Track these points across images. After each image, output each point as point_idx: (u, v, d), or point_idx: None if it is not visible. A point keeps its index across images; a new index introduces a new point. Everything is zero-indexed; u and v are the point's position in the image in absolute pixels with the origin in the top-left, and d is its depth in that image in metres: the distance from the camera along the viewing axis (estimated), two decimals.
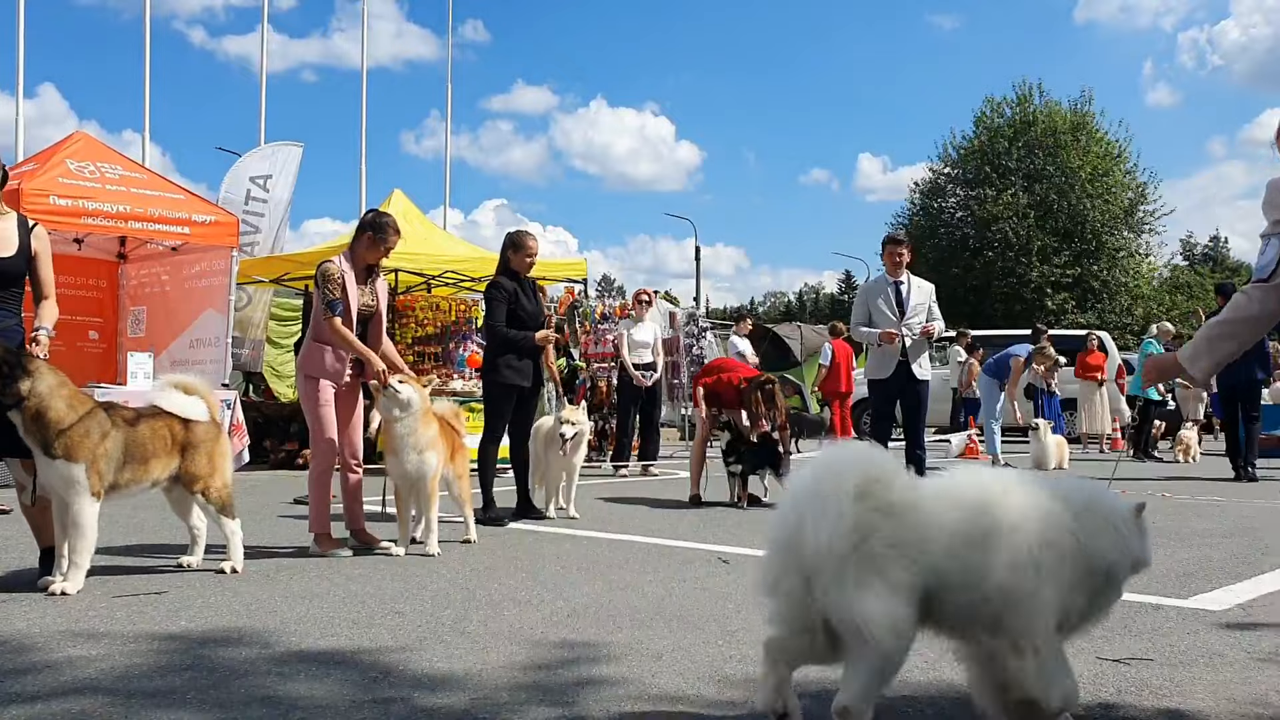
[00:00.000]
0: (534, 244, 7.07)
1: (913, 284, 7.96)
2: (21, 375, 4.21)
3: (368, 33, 21.77)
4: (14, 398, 4.20)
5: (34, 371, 4.26)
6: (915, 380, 7.81)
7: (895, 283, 7.93)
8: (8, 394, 4.19)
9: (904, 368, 7.78)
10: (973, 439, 14.44)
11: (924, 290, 8.01)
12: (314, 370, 5.54)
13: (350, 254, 5.65)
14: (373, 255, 5.65)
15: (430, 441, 5.44)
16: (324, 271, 5.51)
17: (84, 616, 3.86)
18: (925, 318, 7.90)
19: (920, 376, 7.83)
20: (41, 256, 4.72)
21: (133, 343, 10.98)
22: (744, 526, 6.69)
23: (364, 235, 5.63)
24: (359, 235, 5.66)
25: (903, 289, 7.90)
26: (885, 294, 7.92)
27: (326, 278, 5.47)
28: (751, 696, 2.86)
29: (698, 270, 42.34)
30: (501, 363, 6.85)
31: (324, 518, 5.51)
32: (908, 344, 7.77)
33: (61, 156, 9.57)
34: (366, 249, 5.62)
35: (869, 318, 7.94)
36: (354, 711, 2.73)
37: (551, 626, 3.75)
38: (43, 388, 4.26)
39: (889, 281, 7.97)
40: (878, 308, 7.89)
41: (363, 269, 5.65)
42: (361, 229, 5.66)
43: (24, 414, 4.22)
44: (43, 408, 4.23)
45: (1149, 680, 3.06)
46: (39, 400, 4.24)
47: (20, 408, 4.21)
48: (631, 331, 11.05)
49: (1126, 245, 38.44)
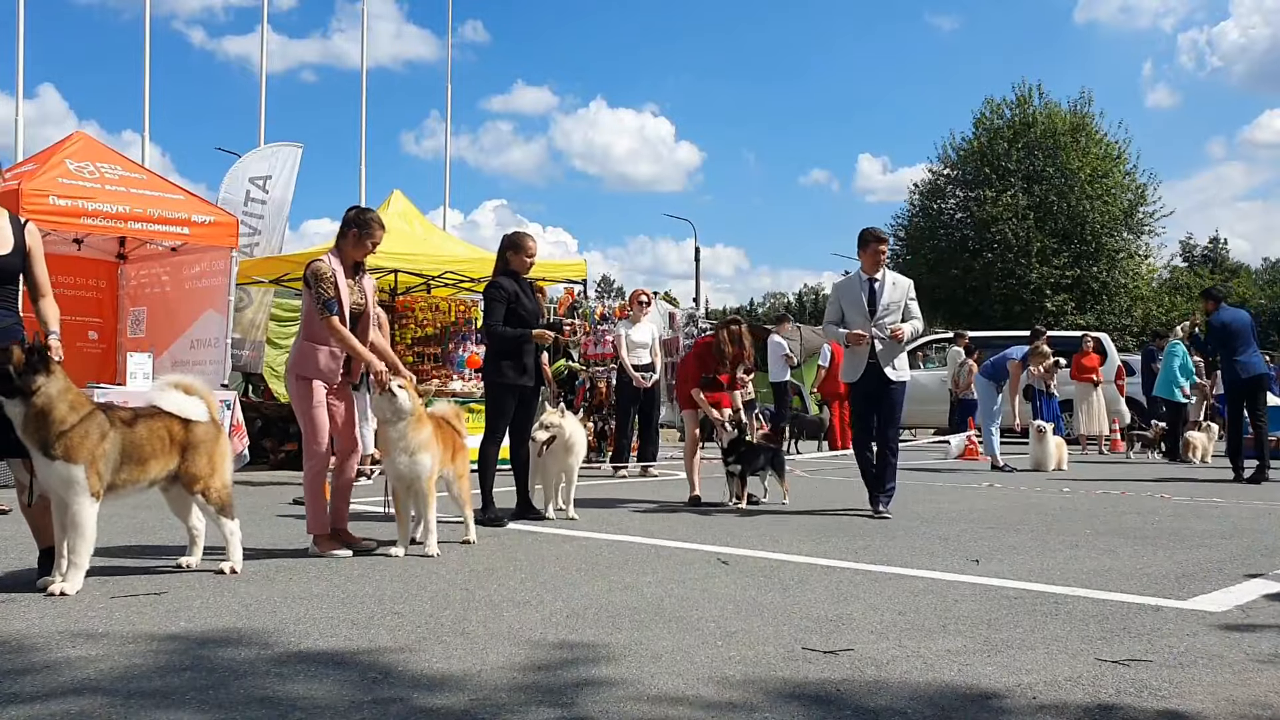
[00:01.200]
0: (533, 245, 7.08)
1: (887, 281, 7.53)
2: (42, 370, 4.26)
3: (367, 33, 21.82)
4: (26, 391, 4.21)
5: (52, 372, 4.31)
6: (889, 382, 7.43)
7: (870, 280, 7.53)
8: (24, 385, 4.20)
9: (875, 369, 7.42)
10: (972, 440, 14.45)
11: (900, 288, 7.54)
12: (307, 371, 5.48)
13: (338, 252, 5.61)
14: (359, 252, 5.60)
15: (423, 443, 5.41)
16: (316, 271, 5.45)
17: (83, 617, 3.86)
18: (900, 317, 7.47)
19: (894, 379, 7.43)
20: (35, 254, 4.73)
21: (132, 343, 10.99)
22: (743, 528, 6.69)
23: (349, 232, 5.57)
24: (344, 232, 5.61)
25: (876, 286, 7.50)
26: (858, 292, 7.54)
27: (319, 277, 5.42)
28: (751, 698, 2.87)
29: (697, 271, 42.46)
30: (503, 363, 6.86)
31: (322, 519, 5.50)
32: (878, 346, 7.41)
33: (61, 157, 9.57)
34: (353, 246, 5.58)
35: (841, 316, 7.62)
36: (353, 712, 2.73)
37: (551, 627, 3.75)
38: (53, 389, 4.28)
39: (863, 279, 7.56)
40: (849, 306, 7.56)
41: (350, 266, 5.60)
42: (346, 226, 5.60)
43: (28, 410, 4.22)
44: (48, 407, 4.24)
45: (1148, 681, 3.06)
46: (47, 400, 4.25)
47: (27, 403, 4.22)
48: (629, 333, 11.06)
49: (1126, 246, 38.42)
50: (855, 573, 4.97)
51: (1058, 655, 3.36)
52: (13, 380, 4.20)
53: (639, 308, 11.32)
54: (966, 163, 39.30)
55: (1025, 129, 38.09)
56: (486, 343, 7.20)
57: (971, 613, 4.03)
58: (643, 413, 11.21)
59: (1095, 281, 37.35)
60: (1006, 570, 5.04)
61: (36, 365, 4.25)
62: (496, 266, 7.14)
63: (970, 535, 6.37)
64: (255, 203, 13.50)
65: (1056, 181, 37.16)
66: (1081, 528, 6.75)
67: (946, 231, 39.85)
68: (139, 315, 11.39)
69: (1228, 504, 8.43)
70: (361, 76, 21.09)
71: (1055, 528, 6.74)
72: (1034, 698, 2.89)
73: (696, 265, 42.23)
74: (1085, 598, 4.34)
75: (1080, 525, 6.89)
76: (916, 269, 39.75)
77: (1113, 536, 6.32)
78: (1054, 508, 8.05)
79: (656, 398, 11.30)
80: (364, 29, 21.63)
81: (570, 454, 7.03)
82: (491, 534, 6.24)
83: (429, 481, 5.46)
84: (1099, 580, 4.75)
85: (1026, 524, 6.95)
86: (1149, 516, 7.44)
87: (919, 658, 3.32)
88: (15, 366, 4.20)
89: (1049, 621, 3.87)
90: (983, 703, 2.85)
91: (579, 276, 12.98)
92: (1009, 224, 36.73)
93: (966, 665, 3.23)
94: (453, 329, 12.58)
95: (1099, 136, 38.34)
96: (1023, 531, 6.55)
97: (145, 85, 17.63)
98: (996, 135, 38.57)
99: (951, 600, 4.29)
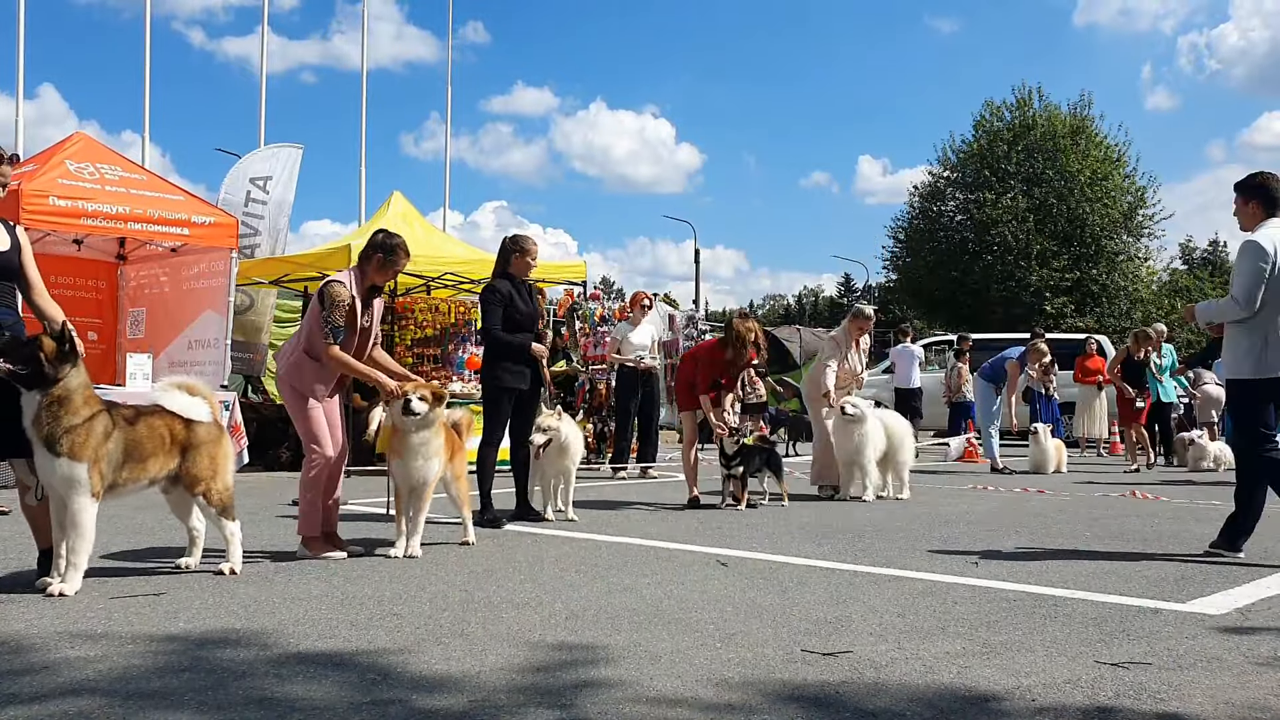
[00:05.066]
0: (536, 249, 7.09)
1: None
2: (71, 360, 4.29)
3: (368, 34, 21.83)
4: (51, 378, 4.22)
5: (78, 364, 4.33)
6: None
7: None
8: (54, 374, 4.21)
9: None
10: (971, 443, 14.44)
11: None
12: (302, 385, 5.44)
13: (359, 272, 5.53)
14: (381, 277, 5.56)
15: (436, 450, 5.45)
16: (333, 295, 5.34)
17: (82, 617, 3.86)
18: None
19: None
20: (27, 252, 4.75)
21: (132, 344, 10.99)
22: (742, 529, 6.69)
23: (375, 256, 5.51)
24: (369, 255, 5.53)
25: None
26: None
27: (335, 302, 5.32)
28: (750, 700, 2.87)
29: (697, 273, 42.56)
30: (499, 366, 6.86)
31: (314, 521, 5.46)
32: None
33: (61, 157, 9.57)
34: (376, 270, 5.52)
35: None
36: (352, 713, 2.73)
37: (550, 629, 3.75)
38: (74, 382, 4.30)
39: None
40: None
41: (367, 289, 5.54)
42: (373, 249, 5.52)
43: (47, 398, 4.21)
44: (66, 398, 4.25)
45: (1147, 684, 3.06)
46: (66, 391, 4.26)
47: (47, 391, 4.22)
48: (629, 335, 11.06)
49: (1125, 249, 38.44)
50: (854, 574, 4.97)
51: (1056, 658, 3.36)
52: (44, 369, 4.20)
53: (639, 310, 11.32)
54: (966, 165, 39.32)
55: (1025, 131, 38.12)
56: (484, 346, 7.19)
57: (970, 615, 4.03)
58: (642, 414, 11.20)
59: (1095, 284, 37.37)
60: (1005, 572, 5.04)
61: (67, 355, 4.27)
62: (495, 269, 7.13)
63: (969, 537, 6.36)
64: (255, 204, 13.51)
65: (1056, 184, 37.17)
66: (1081, 530, 6.75)
67: (946, 234, 39.88)
68: (138, 316, 11.39)
69: (1227, 507, 8.40)
70: (362, 77, 21.11)
71: (1054, 530, 6.74)
72: (1033, 700, 2.89)
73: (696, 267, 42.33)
74: (1084, 600, 4.34)
75: (1079, 528, 6.89)
76: (916, 271, 39.83)
77: (1112, 539, 6.32)
78: (1053, 510, 8.05)
79: (656, 398, 11.29)
80: (364, 30, 21.66)
81: (565, 456, 7.00)
82: (490, 535, 6.25)
83: (433, 487, 5.49)
84: (1098, 583, 4.75)
85: (1025, 526, 6.95)
86: (1148, 519, 7.44)
87: (918, 660, 3.32)
88: (47, 355, 4.20)
89: (1048, 624, 3.87)
90: (981, 705, 2.85)
91: (579, 278, 12.96)
92: (1009, 226, 36.75)
93: (965, 667, 3.23)
94: (452, 330, 12.57)
95: (1099, 139, 38.36)
96: (1022, 534, 6.55)
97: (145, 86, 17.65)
98: (996, 138, 38.60)
99: (950, 602, 4.28)
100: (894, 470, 8.96)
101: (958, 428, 15.16)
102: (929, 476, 11.47)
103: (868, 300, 31.54)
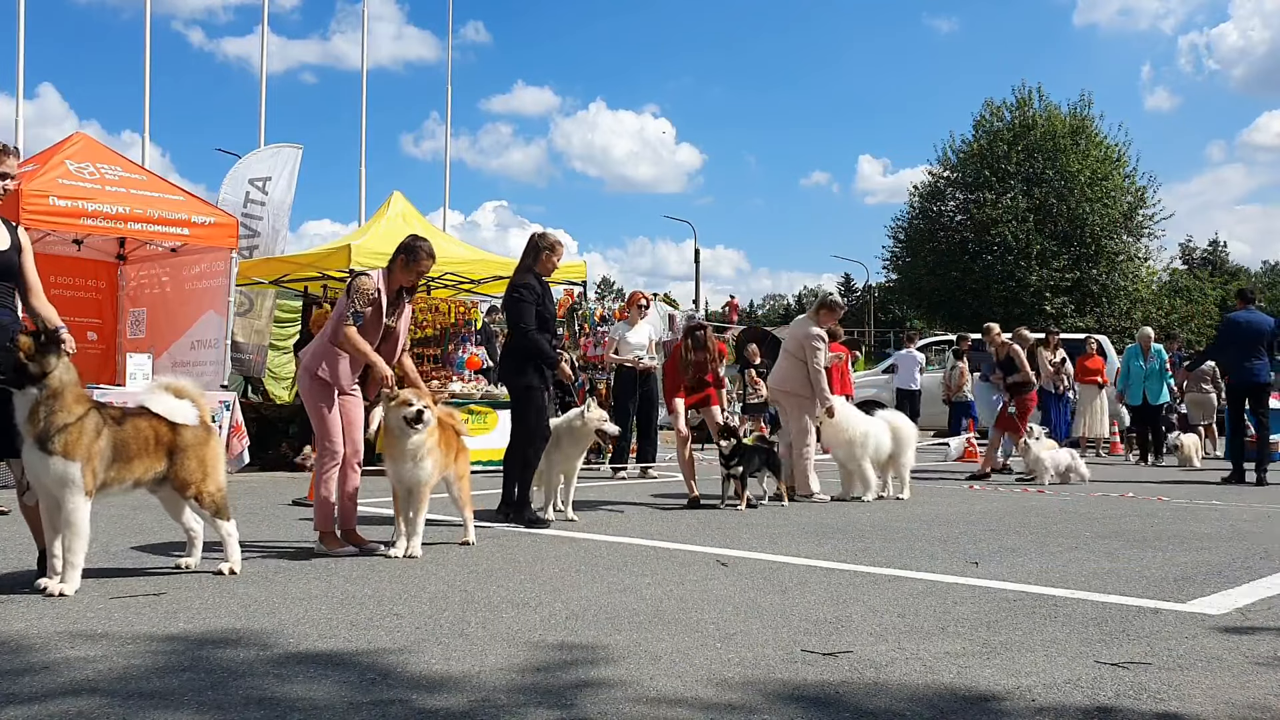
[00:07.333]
0: (563, 250, 7.14)
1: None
2: (53, 351, 4.29)
3: (368, 34, 21.83)
4: (40, 373, 4.22)
5: (63, 356, 4.33)
6: None
7: None
8: (40, 367, 4.21)
9: None
10: (971, 442, 14.43)
11: None
12: (325, 373, 5.55)
13: (388, 272, 5.74)
14: (405, 278, 5.75)
15: (429, 450, 5.46)
16: (358, 284, 5.59)
17: (82, 617, 3.86)
18: None
19: None
20: (27, 253, 4.75)
21: (132, 344, 10.98)
22: (742, 529, 6.69)
23: (399, 257, 5.72)
24: (395, 255, 5.76)
25: None
26: None
27: (360, 291, 5.55)
28: (750, 700, 2.87)
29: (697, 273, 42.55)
30: (531, 366, 6.83)
31: (328, 517, 5.52)
32: None
33: (61, 157, 9.57)
34: (400, 270, 5.72)
35: None
36: (352, 713, 2.73)
37: (550, 629, 3.75)
38: (67, 377, 4.30)
39: None
40: None
41: (395, 290, 5.73)
42: (398, 250, 5.76)
43: (40, 394, 4.22)
44: (59, 393, 4.25)
45: (1147, 684, 3.06)
46: (58, 384, 4.26)
47: (39, 386, 4.22)
48: (627, 335, 11.06)
49: (1125, 249, 38.41)
50: (854, 575, 4.97)
51: (1057, 658, 3.36)
52: (26, 368, 4.20)
53: (636, 310, 11.31)
54: (966, 165, 39.30)
55: (1025, 131, 38.09)
56: (513, 344, 7.08)
57: (970, 615, 4.03)
58: (641, 414, 11.19)
59: (1095, 284, 37.36)
60: (1005, 572, 5.04)
61: (47, 346, 4.27)
62: (522, 264, 7.06)
63: (969, 537, 6.37)
64: (255, 204, 13.51)
65: (1056, 184, 37.15)
66: (1081, 530, 6.75)
67: (946, 234, 39.85)
68: (139, 316, 11.39)
69: (1227, 507, 8.43)
70: (362, 77, 21.12)
71: (1054, 530, 6.75)
72: (1033, 700, 2.89)
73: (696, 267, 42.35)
74: (1084, 600, 4.34)
75: (1079, 527, 6.89)
76: (916, 271, 39.82)
77: (1112, 539, 6.32)
78: (1053, 510, 8.05)
79: (656, 398, 11.27)
80: (364, 30, 21.67)
81: (579, 450, 7.20)
82: (490, 535, 6.25)
83: (428, 487, 5.49)
84: (1098, 583, 4.75)
85: (1026, 526, 6.95)
86: (1148, 519, 7.44)
87: (918, 660, 3.32)
88: (25, 353, 4.21)
89: (1048, 624, 3.87)
90: (981, 705, 2.85)
91: (579, 278, 12.96)
92: (1009, 226, 36.74)
93: (965, 667, 3.23)
94: (452, 330, 12.57)
95: (1099, 139, 38.34)
96: (1022, 534, 6.55)
97: (145, 86, 17.66)
98: (996, 137, 38.58)
99: (950, 602, 4.29)
100: (896, 470, 8.97)
101: (958, 427, 15.16)
102: (929, 477, 11.46)
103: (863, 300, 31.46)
